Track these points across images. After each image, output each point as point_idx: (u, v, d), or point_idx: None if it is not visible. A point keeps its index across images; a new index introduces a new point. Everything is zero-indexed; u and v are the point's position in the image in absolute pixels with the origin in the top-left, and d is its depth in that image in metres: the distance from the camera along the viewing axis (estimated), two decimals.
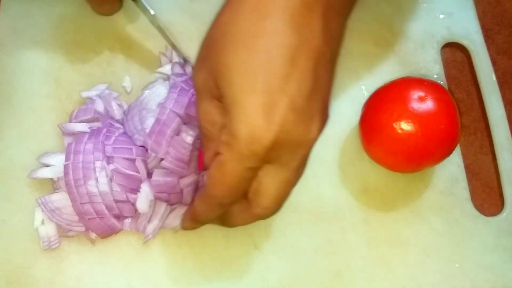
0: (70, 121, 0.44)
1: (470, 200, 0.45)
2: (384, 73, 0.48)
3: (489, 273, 0.43)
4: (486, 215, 0.45)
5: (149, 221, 0.41)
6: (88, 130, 0.42)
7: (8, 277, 0.40)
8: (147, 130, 0.40)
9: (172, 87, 0.42)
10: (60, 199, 0.40)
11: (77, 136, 0.42)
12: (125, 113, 0.44)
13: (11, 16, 0.48)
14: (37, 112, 0.45)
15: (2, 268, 0.40)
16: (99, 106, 0.43)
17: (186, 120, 0.41)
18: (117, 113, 0.43)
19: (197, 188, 0.42)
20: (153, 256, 0.41)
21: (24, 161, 0.42)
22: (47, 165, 0.42)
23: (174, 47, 0.44)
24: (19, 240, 0.41)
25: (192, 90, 0.41)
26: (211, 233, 0.42)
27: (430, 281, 0.42)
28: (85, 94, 0.45)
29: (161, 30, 0.43)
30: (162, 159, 0.40)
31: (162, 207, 0.41)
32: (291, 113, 0.30)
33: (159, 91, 0.43)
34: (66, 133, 0.43)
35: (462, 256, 0.43)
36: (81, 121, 0.43)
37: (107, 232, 0.40)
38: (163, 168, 0.40)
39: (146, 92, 0.44)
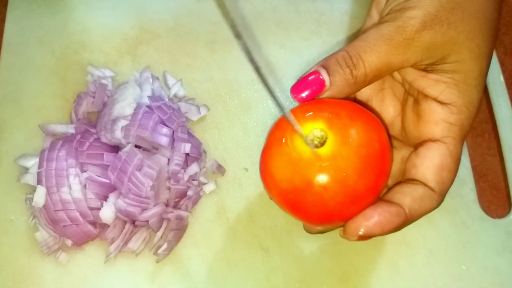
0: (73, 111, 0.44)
1: (477, 202, 0.45)
2: None
3: (496, 275, 0.43)
4: (493, 217, 0.45)
5: (111, 241, 0.40)
6: (70, 131, 0.42)
7: (15, 276, 0.40)
8: (116, 130, 0.40)
9: (137, 107, 0.41)
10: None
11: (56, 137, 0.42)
12: (99, 113, 0.44)
13: (18, 16, 0.48)
14: (44, 111, 0.45)
15: (10, 268, 0.40)
16: (92, 87, 0.44)
17: (150, 145, 0.41)
18: (99, 103, 0.44)
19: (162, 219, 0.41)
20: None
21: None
22: (25, 168, 0.42)
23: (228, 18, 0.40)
24: (26, 240, 0.41)
25: (156, 114, 0.40)
26: (217, 234, 0.42)
27: (437, 283, 0.42)
28: (90, 69, 0.45)
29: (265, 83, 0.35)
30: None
31: (126, 226, 0.40)
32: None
33: (129, 93, 0.43)
34: (47, 134, 0.43)
35: (469, 258, 0.43)
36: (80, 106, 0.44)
37: (83, 239, 0.40)
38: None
39: (118, 92, 0.43)
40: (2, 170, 0.43)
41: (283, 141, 0.31)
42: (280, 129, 0.32)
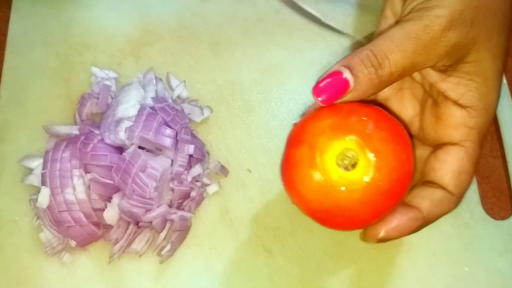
0: (77, 112, 0.44)
1: (480, 203, 0.45)
2: None
3: (498, 277, 0.43)
4: (496, 218, 0.45)
5: (114, 242, 0.40)
6: (74, 132, 0.42)
7: (19, 277, 0.40)
8: (120, 132, 0.40)
9: (141, 109, 0.41)
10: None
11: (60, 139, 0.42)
12: (103, 114, 0.44)
13: (22, 17, 0.48)
14: (48, 113, 0.45)
15: (13, 268, 0.40)
16: (96, 88, 0.44)
17: (154, 146, 0.41)
18: (103, 104, 0.44)
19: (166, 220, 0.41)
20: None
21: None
22: (29, 169, 0.42)
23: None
24: (30, 241, 0.41)
25: (159, 116, 0.41)
26: (220, 235, 0.42)
27: (439, 285, 0.42)
28: (94, 70, 0.46)
29: None
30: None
31: (129, 227, 0.41)
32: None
33: (133, 94, 0.43)
34: (51, 135, 0.43)
35: (472, 260, 0.43)
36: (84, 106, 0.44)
37: (87, 240, 0.40)
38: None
39: (122, 93, 0.44)
40: (6, 171, 0.43)
41: (313, 161, 0.30)
42: (306, 145, 0.31)
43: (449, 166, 0.33)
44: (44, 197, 0.39)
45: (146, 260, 0.41)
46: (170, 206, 0.41)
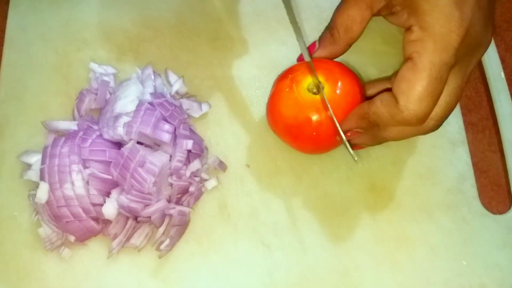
0: (76, 108, 0.44)
1: (478, 198, 0.45)
2: (392, 70, 0.48)
3: (497, 271, 0.43)
4: (494, 213, 0.45)
5: (113, 237, 0.40)
6: (73, 127, 0.42)
7: (18, 272, 0.40)
8: (118, 127, 0.40)
9: (139, 104, 0.41)
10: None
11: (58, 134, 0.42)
12: (101, 109, 0.44)
13: (21, 13, 0.48)
14: (46, 108, 0.45)
15: (13, 263, 0.40)
16: (94, 84, 0.44)
17: (152, 141, 0.41)
18: (101, 100, 0.44)
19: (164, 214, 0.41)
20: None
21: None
22: (28, 164, 0.42)
23: (295, 26, 0.42)
24: (29, 236, 0.41)
25: (158, 111, 0.41)
26: (218, 230, 0.42)
27: (437, 279, 0.42)
28: (92, 66, 0.46)
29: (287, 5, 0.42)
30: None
31: (128, 222, 0.41)
32: (478, 10, 0.33)
33: (131, 90, 0.43)
34: (50, 130, 0.43)
35: (470, 254, 0.43)
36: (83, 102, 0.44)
37: (86, 235, 0.40)
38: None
39: (120, 89, 0.44)
40: (5, 166, 0.43)
41: (291, 88, 0.40)
42: (287, 79, 0.41)
43: (397, 75, 0.34)
44: (43, 193, 0.39)
45: (145, 255, 0.41)
46: (169, 201, 0.41)
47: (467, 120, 0.49)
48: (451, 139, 0.47)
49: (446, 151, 0.46)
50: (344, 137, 0.39)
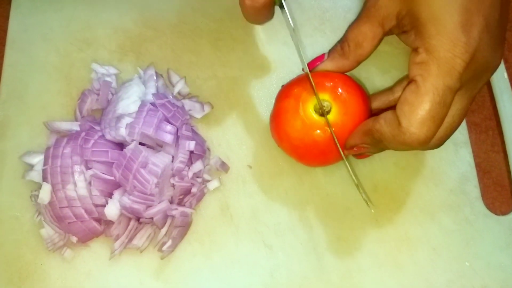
0: (78, 108, 0.44)
1: (481, 198, 0.45)
2: (395, 70, 0.48)
3: (499, 272, 0.43)
4: (497, 213, 0.45)
5: (115, 238, 0.40)
6: (75, 128, 0.42)
7: (20, 272, 0.40)
8: (121, 128, 0.40)
9: (142, 105, 0.41)
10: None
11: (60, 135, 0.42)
12: (103, 110, 0.44)
13: (22, 13, 0.48)
14: (48, 109, 0.45)
15: (15, 264, 0.40)
16: (96, 84, 0.44)
17: (154, 142, 0.41)
18: (103, 100, 0.44)
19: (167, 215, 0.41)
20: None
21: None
22: (30, 165, 0.42)
23: (303, 62, 0.42)
24: (31, 236, 0.41)
25: (160, 112, 0.41)
26: (220, 230, 0.42)
27: (440, 279, 0.42)
28: (94, 66, 0.46)
29: (296, 45, 0.40)
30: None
31: (130, 223, 0.41)
32: (486, 34, 0.32)
33: (133, 90, 0.43)
34: (52, 131, 0.43)
35: (473, 255, 0.43)
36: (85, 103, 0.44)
37: (88, 236, 0.40)
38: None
39: (122, 89, 0.44)
40: (7, 167, 0.43)
41: (297, 108, 0.39)
42: (292, 98, 0.40)
43: (401, 96, 0.34)
44: (45, 193, 0.39)
45: (147, 256, 0.41)
46: (171, 202, 0.41)
47: (470, 121, 0.49)
48: (454, 140, 0.47)
49: (449, 152, 0.46)
50: (355, 181, 0.40)
